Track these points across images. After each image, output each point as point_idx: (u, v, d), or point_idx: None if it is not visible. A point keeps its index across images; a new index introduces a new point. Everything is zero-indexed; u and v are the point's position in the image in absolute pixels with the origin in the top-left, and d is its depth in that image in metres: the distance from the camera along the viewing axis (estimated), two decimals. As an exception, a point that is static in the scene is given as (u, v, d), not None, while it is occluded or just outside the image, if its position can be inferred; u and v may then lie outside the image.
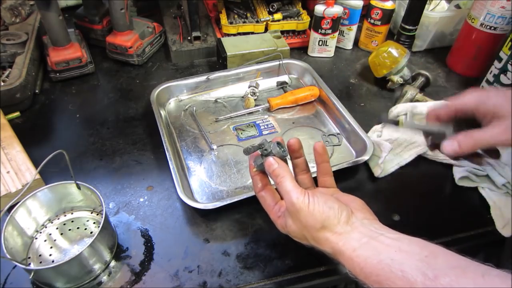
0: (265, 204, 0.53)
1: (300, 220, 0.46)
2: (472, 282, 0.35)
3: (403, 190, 0.70)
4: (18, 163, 0.66)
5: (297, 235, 0.48)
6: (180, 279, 0.55)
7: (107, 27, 0.99)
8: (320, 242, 0.45)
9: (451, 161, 0.72)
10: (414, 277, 0.38)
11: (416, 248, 0.41)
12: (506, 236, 0.62)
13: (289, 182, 0.47)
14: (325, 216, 0.44)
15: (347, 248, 0.43)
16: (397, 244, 0.42)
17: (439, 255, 0.40)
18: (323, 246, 0.45)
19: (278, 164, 0.49)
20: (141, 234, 0.61)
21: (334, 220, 0.45)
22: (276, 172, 0.48)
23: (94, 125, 0.80)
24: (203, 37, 1.00)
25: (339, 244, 0.44)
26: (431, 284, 0.36)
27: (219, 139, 0.77)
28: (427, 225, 0.65)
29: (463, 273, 0.36)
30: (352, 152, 0.75)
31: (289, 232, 0.49)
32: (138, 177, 0.70)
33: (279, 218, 0.51)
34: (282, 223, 0.50)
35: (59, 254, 0.57)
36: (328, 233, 0.45)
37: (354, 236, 0.44)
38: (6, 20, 0.94)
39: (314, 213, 0.44)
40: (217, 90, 0.88)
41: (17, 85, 0.77)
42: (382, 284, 0.40)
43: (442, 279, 0.36)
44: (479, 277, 0.36)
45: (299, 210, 0.45)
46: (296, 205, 0.45)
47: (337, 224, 0.45)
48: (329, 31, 0.98)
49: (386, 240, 0.43)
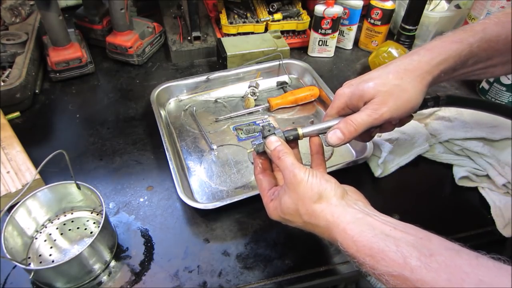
0: (261, 187, 0.53)
1: (298, 192, 0.46)
2: (466, 263, 0.36)
3: (403, 190, 0.70)
4: (18, 163, 0.66)
5: (290, 212, 0.47)
6: (180, 279, 0.55)
7: (107, 27, 0.99)
8: (315, 215, 0.45)
9: (451, 161, 0.72)
10: (410, 252, 0.37)
11: (411, 230, 0.41)
12: (506, 236, 0.62)
13: (291, 158, 0.48)
14: (322, 188, 0.45)
15: (342, 221, 0.43)
16: (392, 224, 0.42)
17: (433, 238, 0.40)
18: (317, 219, 0.45)
19: (281, 142, 0.50)
20: (141, 234, 0.61)
21: (331, 192, 0.45)
22: (278, 149, 0.49)
23: (94, 125, 0.80)
24: (203, 37, 1.00)
25: (334, 216, 0.44)
26: (426, 260, 0.36)
27: (219, 139, 0.77)
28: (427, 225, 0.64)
29: (458, 255, 0.37)
30: (352, 152, 0.75)
31: (282, 211, 0.48)
32: (138, 177, 0.70)
33: (271, 201, 0.51)
34: (274, 204, 0.50)
35: (59, 254, 0.57)
36: (324, 204, 0.45)
37: (349, 210, 0.44)
38: (6, 20, 0.94)
39: (313, 185, 0.45)
40: (217, 90, 0.88)
41: (17, 85, 0.77)
42: (375, 258, 0.39)
43: (438, 257, 0.36)
44: (473, 258, 0.36)
45: (300, 181, 0.45)
46: (297, 177, 0.45)
47: (333, 196, 0.45)
48: (329, 31, 0.98)
49: (380, 219, 0.43)
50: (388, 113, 0.48)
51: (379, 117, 0.49)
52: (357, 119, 0.49)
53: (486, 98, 0.88)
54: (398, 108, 0.49)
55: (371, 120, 0.49)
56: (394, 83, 0.48)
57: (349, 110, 0.53)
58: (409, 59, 0.50)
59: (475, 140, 0.71)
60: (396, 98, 0.48)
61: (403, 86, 0.48)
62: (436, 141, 0.75)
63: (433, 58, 0.49)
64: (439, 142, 0.75)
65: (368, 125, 0.49)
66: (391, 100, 0.48)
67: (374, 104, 0.49)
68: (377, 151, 0.72)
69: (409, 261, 0.37)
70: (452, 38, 0.50)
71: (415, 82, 0.49)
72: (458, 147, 0.72)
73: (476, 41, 0.48)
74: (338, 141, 0.50)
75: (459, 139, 0.72)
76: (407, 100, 0.49)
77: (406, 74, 0.49)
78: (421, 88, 0.49)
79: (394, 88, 0.48)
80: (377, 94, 0.49)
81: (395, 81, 0.49)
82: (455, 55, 0.48)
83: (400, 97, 0.48)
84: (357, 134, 0.50)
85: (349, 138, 0.50)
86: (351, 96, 0.51)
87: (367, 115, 0.49)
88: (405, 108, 0.49)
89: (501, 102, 0.57)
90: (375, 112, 0.48)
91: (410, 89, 0.48)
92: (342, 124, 0.50)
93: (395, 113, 0.49)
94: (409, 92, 0.48)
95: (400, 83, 0.48)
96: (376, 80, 0.50)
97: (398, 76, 0.49)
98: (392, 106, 0.48)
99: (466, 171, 0.69)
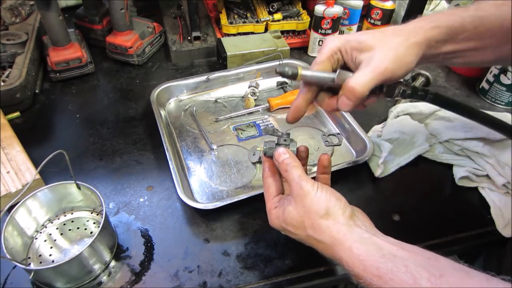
0: (268, 191, 0.52)
1: (304, 204, 0.45)
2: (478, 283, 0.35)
3: (403, 190, 0.70)
4: (18, 163, 0.66)
5: (294, 223, 0.46)
6: (180, 279, 0.55)
7: (107, 27, 0.99)
8: (320, 230, 0.44)
9: (451, 161, 0.72)
10: (419, 273, 0.36)
11: (417, 250, 0.40)
12: (506, 236, 0.62)
13: (299, 170, 0.47)
14: (331, 204, 0.44)
15: (348, 239, 0.42)
16: (398, 244, 0.41)
17: (440, 258, 0.39)
18: (322, 235, 0.44)
19: (289, 155, 0.49)
20: (141, 234, 0.61)
21: (339, 210, 0.44)
22: (286, 162, 0.48)
23: (94, 125, 0.80)
24: (203, 37, 1.00)
25: (340, 234, 0.43)
26: (436, 281, 0.36)
27: (219, 139, 0.77)
28: (427, 225, 0.65)
29: (468, 276, 0.36)
30: (352, 152, 0.75)
31: (284, 221, 0.47)
32: (138, 177, 0.70)
33: (275, 208, 0.50)
34: (277, 212, 0.49)
35: (59, 254, 0.57)
36: (330, 221, 0.44)
37: (356, 230, 0.43)
38: (6, 20, 0.94)
39: (321, 199, 0.44)
40: (217, 90, 0.88)
41: (17, 85, 0.77)
42: (383, 278, 0.38)
43: (448, 278, 0.36)
44: (484, 280, 0.35)
45: (306, 193, 0.45)
46: (304, 188, 0.45)
47: (341, 215, 0.44)
48: (329, 31, 0.97)
49: (387, 239, 0.42)
50: (390, 67, 0.46)
51: (383, 72, 0.45)
52: (360, 78, 0.46)
53: (485, 98, 0.89)
54: (397, 64, 0.46)
55: (375, 76, 0.45)
56: (392, 37, 0.47)
57: (340, 58, 0.50)
58: (404, 24, 0.50)
59: (475, 140, 0.71)
60: (395, 52, 0.46)
61: (401, 42, 0.47)
62: (436, 141, 0.75)
63: (427, 24, 0.48)
64: (439, 142, 0.75)
65: (373, 83, 0.46)
66: (391, 54, 0.46)
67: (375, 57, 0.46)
68: (377, 151, 0.72)
69: (419, 282, 0.36)
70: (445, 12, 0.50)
71: (411, 42, 0.47)
72: (458, 147, 0.72)
73: (468, 16, 0.48)
74: (347, 108, 0.48)
75: (459, 139, 0.72)
76: (404, 56, 0.47)
77: (403, 32, 0.48)
78: (416, 51, 0.48)
79: (392, 42, 0.47)
80: (376, 45, 0.46)
81: (393, 36, 0.47)
82: (447, 25, 0.48)
83: (398, 52, 0.46)
84: (364, 95, 0.46)
85: (357, 102, 0.47)
86: (345, 44, 0.49)
87: (370, 71, 0.45)
88: (401, 66, 0.47)
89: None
90: (378, 67, 0.45)
91: (406, 46, 0.47)
92: (345, 89, 0.47)
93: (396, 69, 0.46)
94: (406, 48, 0.47)
95: (397, 40, 0.47)
96: (374, 33, 0.48)
97: (395, 34, 0.48)
98: (393, 59, 0.46)
99: (466, 171, 0.69)
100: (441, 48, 0.50)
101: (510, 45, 0.49)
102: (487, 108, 0.87)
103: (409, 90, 0.51)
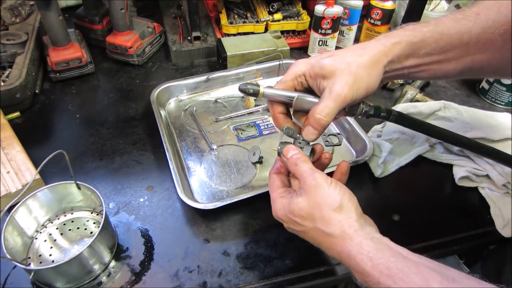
0: (273, 184, 0.51)
1: (317, 196, 0.44)
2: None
3: (403, 190, 0.70)
4: (18, 163, 0.66)
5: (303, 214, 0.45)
6: (180, 279, 0.55)
7: (107, 27, 0.99)
8: (331, 223, 0.44)
9: (451, 161, 0.72)
10: (432, 276, 0.36)
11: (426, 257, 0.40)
12: (506, 236, 0.62)
13: (310, 164, 0.47)
14: (345, 199, 0.44)
15: (359, 234, 0.42)
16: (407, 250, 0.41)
17: (450, 268, 0.39)
18: (332, 227, 0.43)
19: (299, 151, 0.49)
20: (141, 234, 0.61)
21: (352, 207, 0.44)
22: (295, 156, 0.48)
23: (94, 125, 0.80)
24: (203, 37, 1.00)
25: (351, 229, 0.42)
26: (449, 285, 0.35)
27: (219, 139, 0.77)
28: (427, 225, 0.65)
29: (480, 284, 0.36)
30: (352, 152, 0.75)
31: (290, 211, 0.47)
32: (138, 177, 0.70)
33: (280, 198, 0.49)
34: (283, 202, 0.48)
35: (59, 254, 0.57)
36: (343, 215, 0.44)
37: (367, 228, 0.43)
38: (6, 20, 0.94)
39: (335, 193, 0.44)
40: (217, 90, 0.88)
41: (17, 85, 0.77)
42: (392, 278, 0.38)
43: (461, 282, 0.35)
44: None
45: (320, 185, 0.44)
46: (318, 179, 0.45)
47: (354, 211, 0.44)
48: (329, 31, 0.98)
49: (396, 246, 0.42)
50: (350, 94, 0.47)
51: (343, 99, 0.47)
52: (324, 109, 0.48)
53: (485, 98, 0.89)
54: (357, 88, 0.48)
55: (338, 104, 0.47)
56: (352, 60, 0.48)
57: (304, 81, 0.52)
58: (366, 42, 0.51)
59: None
60: (353, 77, 0.47)
61: (361, 64, 0.48)
62: (436, 141, 0.75)
63: (387, 41, 0.49)
64: (439, 142, 0.75)
65: (337, 110, 0.48)
66: (350, 79, 0.47)
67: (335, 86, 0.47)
68: (377, 151, 0.72)
69: (431, 284, 0.36)
70: (406, 27, 0.51)
71: (372, 62, 0.48)
72: (458, 147, 0.72)
73: (428, 31, 0.49)
74: (313, 136, 0.50)
75: (459, 139, 0.72)
76: (364, 78, 0.48)
77: (364, 52, 0.49)
78: (377, 71, 0.49)
79: (352, 65, 0.48)
80: (337, 71, 0.48)
81: (353, 58, 0.48)
82: (408, 40, 0.49)
83: (358, 75, 0.48)
84: (329, 123, 0.49)
85: (322, 131, 0.50)
86: (310, 70, 0.50)
87: (332, 100, 0.47)
88: (361, 89, 0.48)
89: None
90: (339, 95, 0.47)
91: (366, 67, 0.48)
92: (311, 119, 0.49)
93: (356, 94, 0.48)
94: (366, 70, 0.48)
95: (357, 61, 0.48)
96: (335, 57, 0.49)
97: (356, 54, 0.49)
98: (352, 84, 0.47)
99: (466, 171, 0.69)
100: (404, 63, 0.51)
101: (471, 57, 0.50)
102: (487, 108, 0.87)
103: (371, 110, 0.53)
